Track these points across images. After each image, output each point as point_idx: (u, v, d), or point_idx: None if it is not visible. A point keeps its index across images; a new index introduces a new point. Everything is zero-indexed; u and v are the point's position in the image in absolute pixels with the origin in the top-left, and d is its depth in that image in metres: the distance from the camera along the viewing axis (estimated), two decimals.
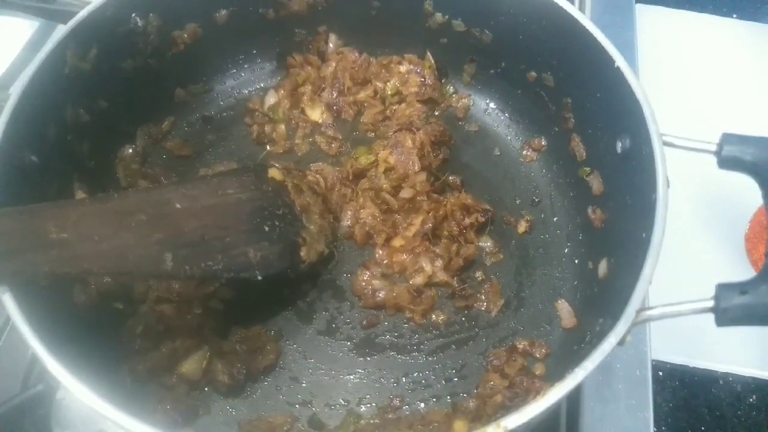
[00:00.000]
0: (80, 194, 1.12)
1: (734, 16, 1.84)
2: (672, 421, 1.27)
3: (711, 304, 0.85)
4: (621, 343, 0.85)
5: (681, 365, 1.31)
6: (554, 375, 1.07)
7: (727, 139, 0.96)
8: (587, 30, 1.12)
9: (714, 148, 0.97)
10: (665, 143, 0.98)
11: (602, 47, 1.09)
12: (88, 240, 0.90)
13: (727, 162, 0.96)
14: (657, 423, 1.21)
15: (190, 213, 1.03)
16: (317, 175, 1.30)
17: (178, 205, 1.03)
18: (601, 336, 0.86)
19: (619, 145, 1.09)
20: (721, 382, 1.32)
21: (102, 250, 0.91)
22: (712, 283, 0.88)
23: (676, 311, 0.86)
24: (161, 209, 1.01)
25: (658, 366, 1.29)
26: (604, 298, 1.08)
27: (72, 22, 1.11)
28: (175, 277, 1.05)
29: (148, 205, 0.99)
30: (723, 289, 0.85)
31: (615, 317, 0.86)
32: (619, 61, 1.07)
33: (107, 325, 1.10)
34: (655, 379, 1.25)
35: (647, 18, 1.76)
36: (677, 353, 1.32)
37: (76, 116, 1.16)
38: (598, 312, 1.04)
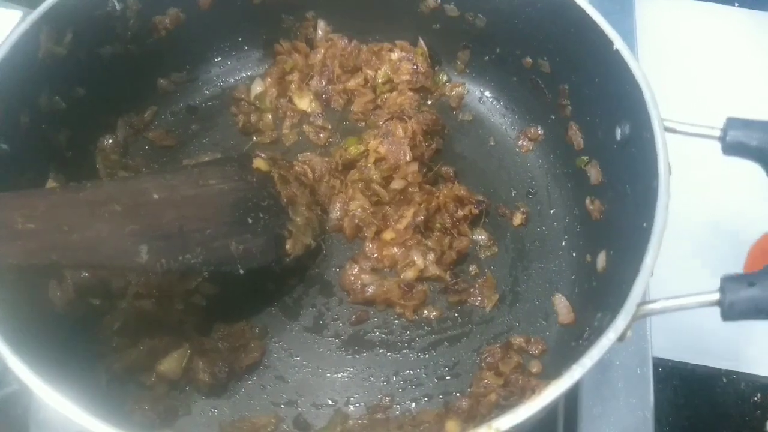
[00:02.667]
0: (51, 183, 1.08)
1: (735, 4, 1.80)
2: (673, 420, 1.24)
3: (716, 297, 0.81)
4: (621, 338, 0.80)
5: (682, 363, 1.28)
6: (551, 373, 1.03)
7: (732, 123, 0.92)
8: (585, 12, 1.08)
9: (718, 133, 0.93)
10: (667, 129, 0.94)
11: (600, 29, 1.05)
12: (57, 231, 0.85)
13: (731, 148, 0.92)
14: (658, 422, 1.17)
15: (168, 203, 0.99)
16: (305, 166, 1.26)
17: (155, 196, 0.98)
18: (599, 332, 0.82)
19: (618, 131, 1.04)
20: (724, 380, 1.28)
21: (72, 241, 0.86)
22: (716, 276, 0.84)
23: (680, 305, 0.82)
24: (137, 199, 0.96)
25: (658, 363, 1.25)
26: (602, 292, 1.04)
27: (45, 4, 1.06)
28: (150, 270, 1.00)
29: (123, 195, 0.94)
30: (729, 281, 0.81)
31: (614, 311, 0.81)
32: (618, 44, 1.02)
33: (82, 322, 1.05)
34: (656, 377, 1.21)
35: (647, 6, 1.72)
36: (679, 350, 1.28)
37: (51, 104, 1.11)
38: (597, 307, 0.99)
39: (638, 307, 0.80)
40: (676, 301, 0.82)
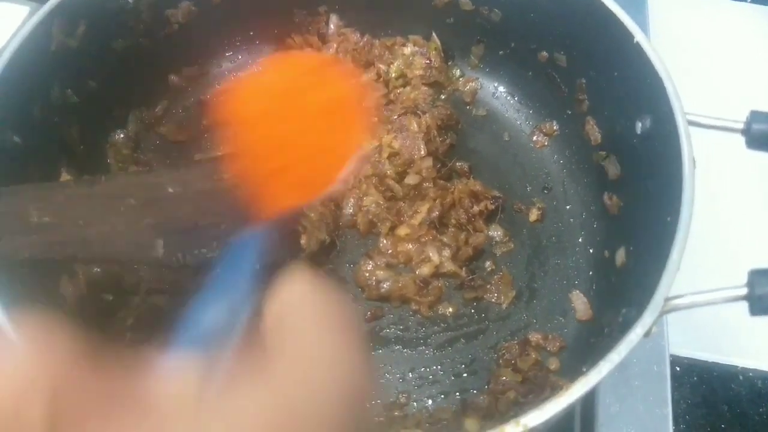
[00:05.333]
0: (65, 177, 1.06)
1: (748, 0, 1.79)
2: (690, 418, 1.21)
3: (744, 291, 0.79)
4: (647, 334, 0.79)
5: (699, 360, 1.26)
6: (569, 370, 1.02)
7: (756, 116, 0.91)
8: (603, 4, 1.06)
9: (741, 126, 0.91)
10: (689, 122, 0.93)
11: (620, 22, 1.04)
12: (72, 224, 0.84)
13: (756, 141, 0.91)
14: (675, 420, 1.15)
15: (183, 198, 0.97)
16: None
17: (170, 190, 0.96)
18: (624, 327, 0.80)
19: (638, 125, 1.03)
20: (741, 377, 1.26)
21: (88, 235, 0.85)
22: (739, 270, 0.83)
23: (707, 300, 0.80)
24: (152, 193, 0.94)
25: (675, 361, 1.23)
26: (622, 288, 1.03)
27: None
28: (166, 264, 0.98)
29: (139, 189, 0.93)
30: (757, 275, 0.80)
31: (640, 307, 0.80)
32: (639, 37, 1.01)
33: (96, 318, 1.04)
34: (673, 374, 1.19)
35: (658, 3, 1.71)
36: (695, 348, 1.26)
37: (63, 97, 1.09)
38: (617, 303, 0.98)
39: (666, 302, 0.79)
40: (704, 296, 0.81)
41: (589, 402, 1.14)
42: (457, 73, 1.38)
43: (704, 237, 1.26)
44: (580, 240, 1.20)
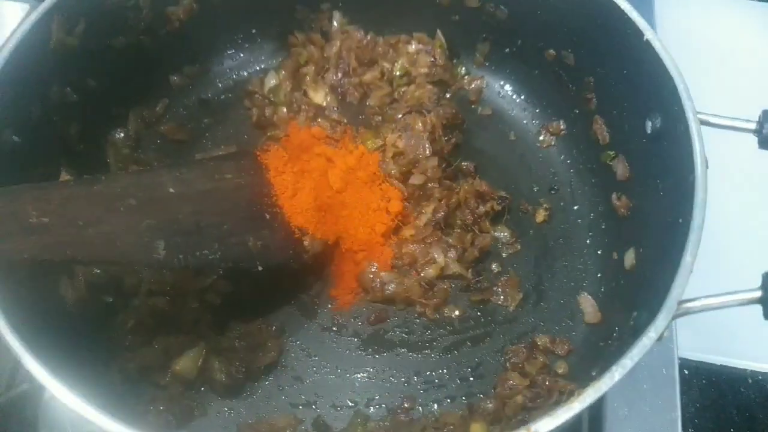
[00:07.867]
0: (65, 176, 1.05)
1: None
2: (699, 421, 1.20)
3: (759, 294, 0.78)
4: (660, 338, 0.77)
5: (708, 363, 1.24)
6: (577, 373, 1.01)
7: None
8: (613, 2, 1.04)
9: (754, 126, 0.90)
10: (700, 122, 0.91)
11: (629, 19, 1.02)
12: (72, 225, 0.82)
13: None
14: (684, 424, 1.14)
15: (184, 198, 0.96)
16: None
17: (171, 190, 0.95)
18: (636, 331, 0.79)
19: (649, 124, 1.01)
20: (749, 380, 1.24)
21: (87, 236, 0.83)
22: (752, 272, 0.81)
23: (721, 303, 0.79)
24: (153, 193, 0.93)
25: (684, 364, 1.21)
26: (632, 290, 1.01)
27: None
28: (167, 266, 0.97)
29: (139, 189, 0.91)
30: None
31: (653, 310, 0.78)
32: (649, 34, 1.00)
33: (96, 320, 1.02)
34: (682, 378, 1.18)
35: (666, 1, 1.69)
36: (704, 350, 1.24)
37: (62, 95, 1.08)
38: (627, 306, 0.96)
39: (679, 306, 0.77)
40: (717, 299, 0.79)
41: (597, 405, 1.12)
42: (463, 71, 1.36)
43: (716, 238, 1.24)
44: (588, 241, 1.18)
